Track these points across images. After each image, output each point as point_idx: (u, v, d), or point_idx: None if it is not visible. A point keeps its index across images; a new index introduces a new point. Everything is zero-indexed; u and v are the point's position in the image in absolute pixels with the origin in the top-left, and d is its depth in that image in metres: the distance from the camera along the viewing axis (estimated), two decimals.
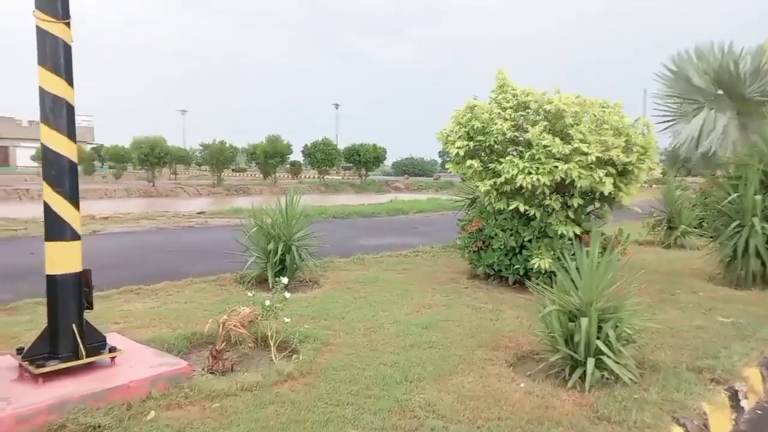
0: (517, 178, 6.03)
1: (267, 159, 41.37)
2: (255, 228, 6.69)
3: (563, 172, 5.92)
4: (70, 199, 3.31)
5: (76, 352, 3.29)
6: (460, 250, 7.28)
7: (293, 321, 4.95)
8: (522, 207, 6.27)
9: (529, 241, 6.45)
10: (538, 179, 5.95)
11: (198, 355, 4.33)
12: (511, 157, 6.21)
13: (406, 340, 4.62)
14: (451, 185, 34.37)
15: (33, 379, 3.15)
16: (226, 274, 7.01)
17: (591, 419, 3.26)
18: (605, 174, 6.01)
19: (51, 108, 3.21)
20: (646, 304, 5.84)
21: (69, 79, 3.29)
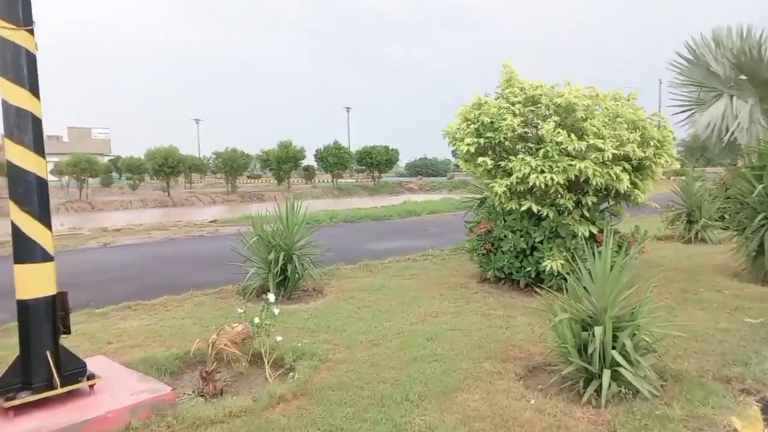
0: (529, 177, 5.71)
1: (280, 165, 41.42)
2: (255, 237, 6.47)
3: (578, 170, 5.60)
4: (40, 218, 3.11)
5: (50, 381, 3.09)
6: (469, 253, 6.98)
7: (294, 335, 4.74)
8: (535, 207, 5.96)
9: (540, 242, 6.14)
10: (552, 178, 5.62)
11: (191, 375, 4.12)
12: (522, 155, 5.89)
13: (410, 353, 4.35)
14: (465, 184, 33.94)
15: (3, 412, 2.96)
16: (228, 286, 6.82)
17: None
18: (621, 170, 5.68)
19: (15, 122, 3.02)
20: (667, 306, 5.54)
21: (34, 90, 3.09)
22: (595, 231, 5.79)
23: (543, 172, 5.63)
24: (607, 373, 3.44)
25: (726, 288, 6.36)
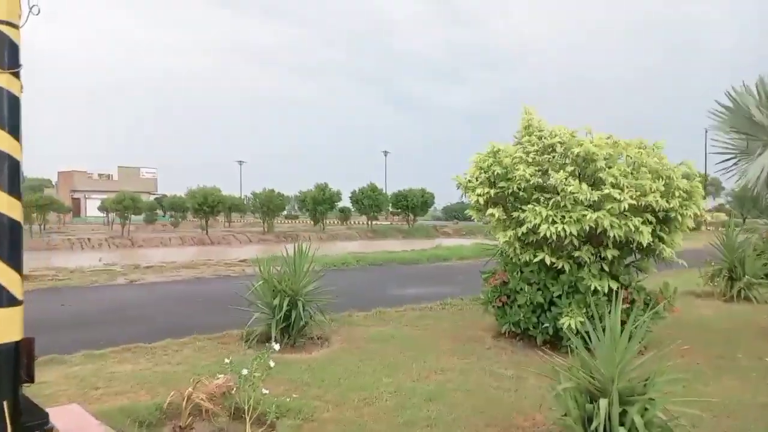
0: (540, 227, 5.42)
1: (316, 206, 41.86)
2: (261, 281, 6.32)
3: (593, 221, 5.27)
4: (8, 261, 3.01)
5: None
6: (483, 305, 6.62)
7: (284, 387, 4.48)
8: (548, 259, 5.62)
9: (559, 296, 5.75)
10: (564, 229, 5.31)
11: (170, 428, 3.91)
12: (533, 205, 5.61)
13: (403, 415, 4.03)
14: None
15: None
16: (233, 330, 6.64)
17: None
18: (642, 222, 5.31)
19: None
20: (698, 372, 5.02)
21: (14, 133, 3.05)
22: (614, 287, 5.37)
23: (554, 222, 5.32)
24: None
25: None
